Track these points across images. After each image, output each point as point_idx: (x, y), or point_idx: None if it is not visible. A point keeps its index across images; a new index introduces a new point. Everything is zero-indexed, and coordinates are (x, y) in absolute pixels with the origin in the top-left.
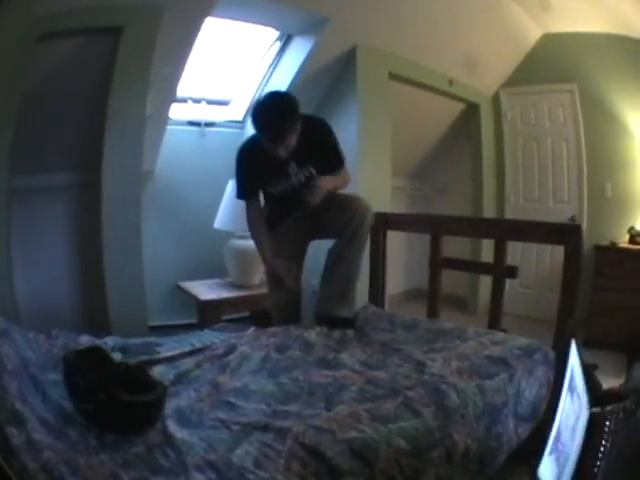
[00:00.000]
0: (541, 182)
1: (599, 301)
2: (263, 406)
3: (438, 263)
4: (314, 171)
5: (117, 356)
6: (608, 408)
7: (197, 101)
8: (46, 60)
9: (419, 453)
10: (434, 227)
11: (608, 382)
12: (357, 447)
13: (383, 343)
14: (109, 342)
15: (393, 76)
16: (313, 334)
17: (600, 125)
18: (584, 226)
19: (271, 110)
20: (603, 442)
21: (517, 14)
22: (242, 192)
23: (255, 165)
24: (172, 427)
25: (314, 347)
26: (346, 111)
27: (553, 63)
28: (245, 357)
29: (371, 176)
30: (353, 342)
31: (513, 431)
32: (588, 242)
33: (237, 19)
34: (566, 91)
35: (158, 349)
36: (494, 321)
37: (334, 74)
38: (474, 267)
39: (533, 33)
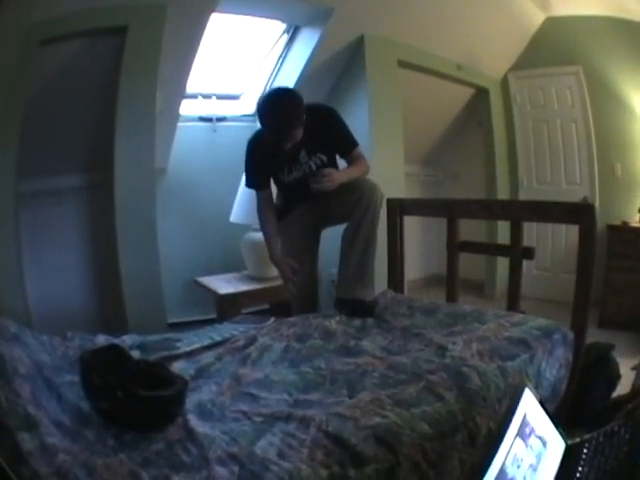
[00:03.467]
0: (553, 164)
1: (613, 281)
2: (285, 396)
3: (455, 247)
4: (325, 158)
5: (136, 354)
6: (586, 436)
7: (207, 97)
8: (51, 63)
9: (443, 437)
10: (449, 211)
11: (624, 362)
12: (381, 433)
13: (403, 328)
14: (127, 340)
15: (402, 63)
16: (333, 322)
17: (606, 106)
18: (596, 206)
19: (275, 111)
20: (578, 472)
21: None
22: (252, 182)
23: (266, 155)
24: (193, 422)
25: (334, 335)
26: (356, 100)
27: (558, 46)
28: (266, 348)
29: (384, 163)
30: (373, 328)
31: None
32: (601, 222)
33: (243, 13)
34: (572, 73)
35: (177, 344)
36: (513, 303)
37: (343, 64)
38: (491, 249)
39: (537, 17)
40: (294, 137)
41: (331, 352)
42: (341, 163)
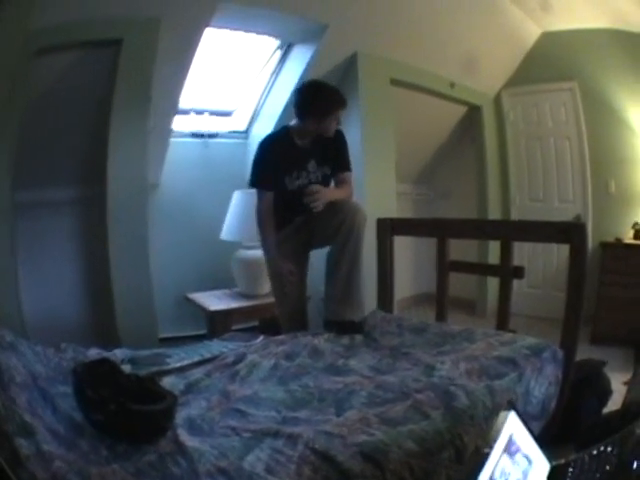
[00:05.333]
0: (546, 182)
1: (606, 297)
2: (273, 413)
3: (445, 266)
4: (329, 173)
5: (127, 368)
6: (572, 457)
7: (200, 112)
8: (47, 74)
9: (429, 454)
10: (439, 230)
11: (617, 378)
12: (367, 450)
13: (392, 347)
14: (119, 354)
15: (394, 81)
16: (322, 340)
17: (602, 122)
18: (589, 224)
19: (330, 87)
20: None
21: (515, 14)
22: (259, 179)
23: (279, 154)
24: (183, 436)
25: (323, 353)
26: (349, 118)
27: (553, 62)
28: (255, 365)
29: (376, 182)
30: (362, 347)
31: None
32: (594, 239)
33: (237, 29)
34: (567, 89)
35: (168, 360)
36: (502, 322)
37: (336, 81)
38: (481, 269)
39: (532, 32)
40: (341, 116)
41: (319, 370)
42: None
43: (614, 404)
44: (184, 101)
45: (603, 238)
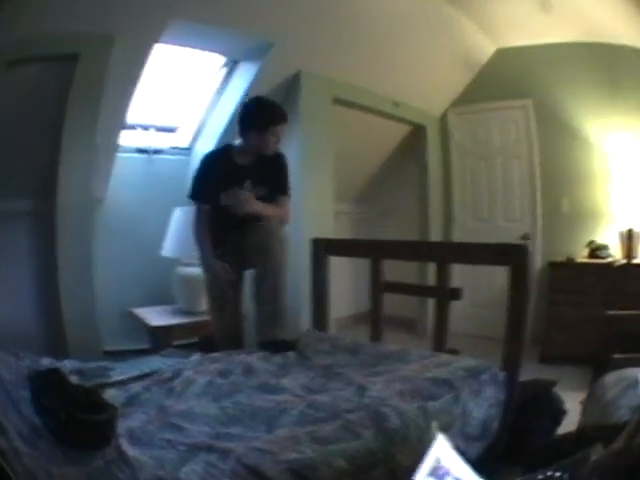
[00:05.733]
0: (490, 201)
1: (558, 317)
2: (207, 428)
3: (379, 287)
4: (264, 194)
5: (74, 379)
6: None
7: (146, 128)
8: (3, 87)
9: (360, 473)
10: (373, 251)
11: (572, 397)
12: (297, 467)
13: (324, 367)
14: (67, 365)
15: (337, 100)
16: (255, 359)
17: (557, 139)
18: (538, 243)
19: (274, 103)
20: None
21: (469, 30)
22: (198, 193)
23: (218, 170)
24: (125, 445)
25: (256, 372)
26: (289, 137)
27: (508, 79)
28: (190, 382)
29: (313, 202)
30: (295, 366)
31: (464, 450)
32: (543, 259)
33: (184, 45)
34: (520, 107)
35: (110, 373)
36: (439, 343)
37: (278, 100)
38: (417, 290)
39: (487, 49)
40: (282, 134)
41: (252, 388)
42: None
43: (571, 424)
44: (131, 116)
45: (555, 257)
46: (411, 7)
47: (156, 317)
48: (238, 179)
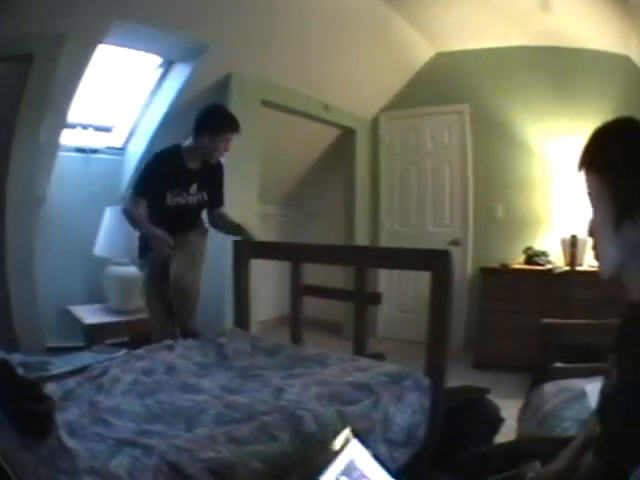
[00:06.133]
0: (420, 206)
1: (491, 324)
2: (132, 425)
3: (299, 290)
4: (206, 199)
5: (20, 371)
6: None
7: (85, 127)
8: None
9: (276, 475)
10: (293, 255)
11: (509, 404)
12: (215, 466)
13: (243, 368)
14: (16, 357)
15: (266, 103)
16: (177, 357)
17: (494, 145)
18: (470, 249)
19: (228, 110)
20: None
21: (407, 33)
22: (142, 187)
23: (167, 169)
24: (64, 437)
25: (177, 371)
26: None
27: (446, 83)
28: (117, 379)
29: (238, 204)
30: (215, 367)
31: (388, 456)
32: (475, 265)
33: (124, 46)
34: (455, 112)
35: (49, 367)
36: (359, 348)
37: (209, 101)
38: (337, 294)
39: (425, 52)
40: (231, 144)
41: (173, 387)
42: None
43: (510, 432)
44: (71, 116)
45: (489, 263)
46: (347, 10)
47: (89, 315)
48: (186, 182)
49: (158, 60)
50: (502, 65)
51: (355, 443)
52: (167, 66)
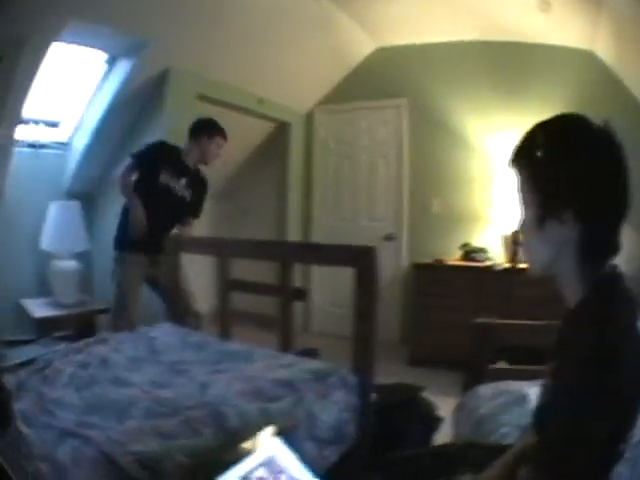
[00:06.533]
0: (354, 200)
1: (425, 320)
2: (72, 416)
3: (225, 285)
4: (190, 198)
5: None
6: None
7: (37, 123)
8: None
9: (201, 469)
10: (220, 250)
11: (446, 402)
12: (143, 459)
13: (172, 362)
14: None
15: (202, 97)
16: (109, 351)
17: (432, 140)
18: (404, 244)
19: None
20: None
21: (347, 27)
22: (139, 155)
23: (168, 152)
24: (20, 425)
25: (110, 365)
26: (153, 135)
27: (385, 78)
28: (59, 372)
29: None
30: (145, 361)
31: (317, 454)
32: (409, 260)
33: (72, 43)
34: (393, 107)
35: (5, 359)
36: (285, 344)
37: (147, 97)
38: (262, 289)
39: (365, 46)
40: (221, 151)
41: (106, 381)
42: None
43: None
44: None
45: (424, 259)
46: (287, 3)
47: (38, 309)
48: (179, 171)
49: (104, 56)
50: (445, 60)
51: (277, 439)
52: (112, 62)
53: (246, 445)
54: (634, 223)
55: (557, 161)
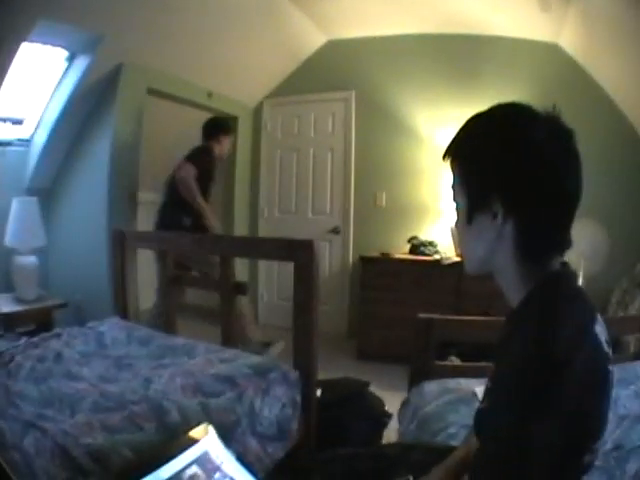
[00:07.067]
0: (300, 194)
1: (371, 314)
2: (32, 408)
3: (167, 280)
4: None
5: None
6: None
7: (5, 121)
8: None
9: (145, 464)
10: (161, 244)
11: (396, 397)
12: (92, 452)
13: (118, 357)
14: None
15: (152, 91)
16: (63, 346)
17: (380, 132)
18: (351, 237)
19: None
20: None
21: (297, 20)
22: (196, 161)
23: (210, 155)
24: None
25: (63, 359)
26: (104, 130)
27: (335, 71)
28: (20, 366)
29: (117, 191)
30: (94, 356)
31: (261, 450)
32: (354, 253)
33: (36, 41)
34: (340, 100)
35: None
36: (226, 338)
37: (101, 92)
38: (203, 284)
39: (316, 40)
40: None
41: (60, 375)
42: None
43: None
44: None
45: (370, 252)
46: None
47: (1, 304)
48: (216, 173)
49: (65, 54)
50: (397, 53)
51: (212, 436)
52: (71, 59)
53: (182, 441)
54: (598, 218)
55: (485, 152)
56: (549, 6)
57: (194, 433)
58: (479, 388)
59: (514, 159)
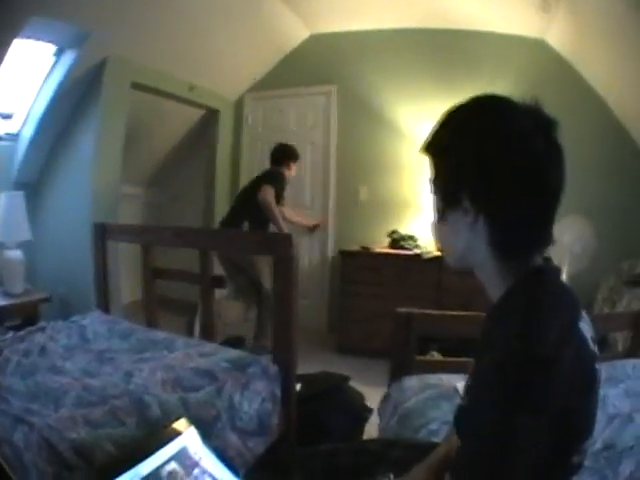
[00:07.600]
0: None
1: (352, 308)
2: (20, 403)
3: (149, 273)
4: None
5: None
6: None
7: None
8: None
9: (128, 460)
10: (143, 237)
11: (377, 391)
12: (77, 446)
13: (100, 351)
14: None
15: (135, 85)
16: (47, 339)
17: (361, 126)
18: (331, 231)
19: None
20: None
21: (280, 14)
22: (275, 182)
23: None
24: None
25: (48, 353)
26: (88, 124)
27: (317, 65)
28: (8, 360)
29: (101, 185)
30: (77, 349)
31: (241, 445)
32: (335, 247)
33: (26, 37)
34: (322, 93)
35: None
36: (206, 332)
37: (86, 86)
38: (183, 277)
39: (299, 34)
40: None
41: (45, 369)
42: None
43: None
44: None
45: (350, 246)
46: None
47: None
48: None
49: (53, 49)
50: (380, 48)
51: (191, 432)
52: (59, 54)
53: (161, 436)
54: (584, 214)
55: (460, 144)
56: (549, 7)
57: (173, 428)
58: (460, 383)
59: (494, 149)
